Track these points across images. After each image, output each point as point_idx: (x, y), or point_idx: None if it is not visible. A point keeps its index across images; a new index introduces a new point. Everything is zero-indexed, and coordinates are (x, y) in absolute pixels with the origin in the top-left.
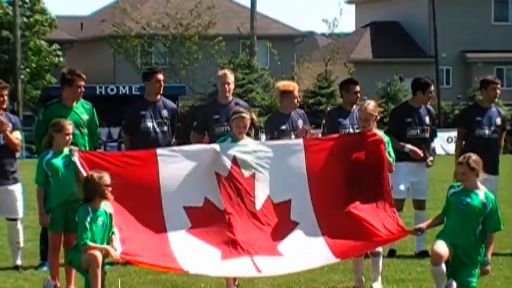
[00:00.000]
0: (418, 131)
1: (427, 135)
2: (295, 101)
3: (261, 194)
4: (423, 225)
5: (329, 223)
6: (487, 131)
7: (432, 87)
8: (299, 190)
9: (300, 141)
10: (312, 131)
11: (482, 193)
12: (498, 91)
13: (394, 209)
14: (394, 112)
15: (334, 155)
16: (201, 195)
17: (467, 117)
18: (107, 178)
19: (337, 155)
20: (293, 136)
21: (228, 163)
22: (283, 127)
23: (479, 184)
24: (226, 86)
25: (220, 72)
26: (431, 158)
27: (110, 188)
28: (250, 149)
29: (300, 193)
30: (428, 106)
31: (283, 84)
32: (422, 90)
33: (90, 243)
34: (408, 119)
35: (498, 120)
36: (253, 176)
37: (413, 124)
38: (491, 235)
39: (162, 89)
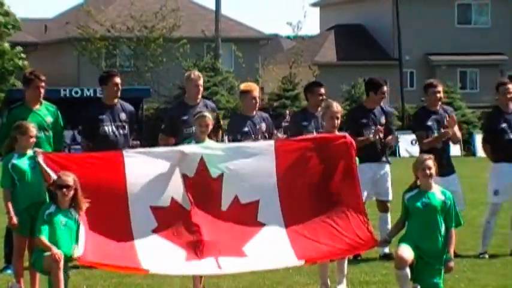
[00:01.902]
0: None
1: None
2: (253, 101)
3: (229, 194)
4: (387, 236)
5: (297, 226)
6: (436, 133)
7: (385, 88)
8: (268, 191)
9: (271, 142)
10: (278, 135)
11: (438, 191)
12: (439, 94)
13: (366, 214)
14: (349, 114)
15: (305, 157)
16: (167, 195)
17: (420, 121)
18: (63, 178)
19: (308, 157)
20: (260, 138)
21: (195, 164)
22: (246, 129)
23: (433, 184)
24: (199, 87)
25: (193, 74)
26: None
27: (64, 190)
28: (219, 150)
29: (268, 194)
30: (385, 106)
31: (243, 84)
32: (374, 90)
33: (42, 238)
34: (363, 119)
35: (430, 122)
36: (221, 176)
37: (369, 125)
38: (451, 231)
39: (119, 92)
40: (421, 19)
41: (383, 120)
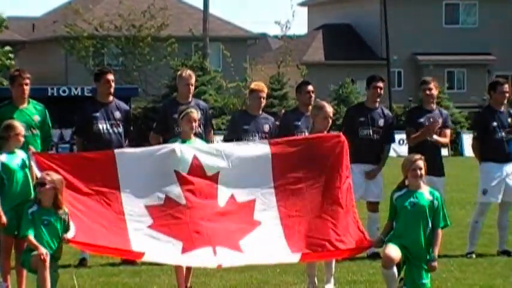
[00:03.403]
0: (370, 131)
1: (379, 137)
2: (259, 101)
3: (225, 192)
4: (382, 236)
5: (293, 226)
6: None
7: (379, 83)
8: (264, 191)
9: (266, 142)
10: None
11: (427, 191)
12: (428, 92)
13: (357, 214)
14: (348, 111)
15: (300, 157)
16: (161, 193)
17: (411, 118)
18: (43, 176)
19: (303, 157)
20: (256, 138)
21: (188, 161)
22: (246, 127)
23: (422, 184)
24: (190, 86)
25: (185, 73)
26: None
27: (40, 187)
28: (213, 149)
29: (264, 194)
30: (386, 110)
31: (253, 83)
32: (368, 85)
33: (30, 237)
34: (361, 118)
35: (425, 121)
36: (216, 175)
37: (366, 124)
38: (438, 232)
39: (112, 89)
40: (408, 19)
41: (381, 122)
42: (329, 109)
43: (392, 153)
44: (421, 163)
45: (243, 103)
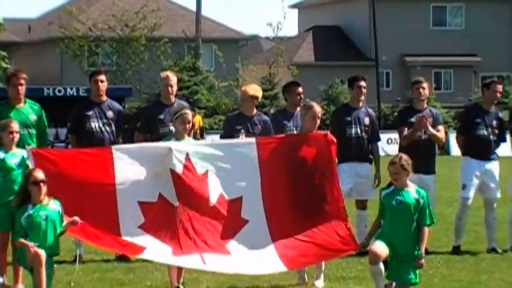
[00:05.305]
0: (358, 130)
1: (366, 135)
2: (250, 102)
3: (215, 190)
4: (365, 240)
5: (279, 225)
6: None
7: (362, 82)
8: (251, 188)
9: (253, 139)
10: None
11: (413, 190)
12: (418, 91)
13: (345, 212)
14: (334, 112)
15: (287, 155)
16: (155, 191)
17: (402, 117)
18: (36, 175)
19: (290, 155)
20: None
21: (182, 160)
22: (239, 127)
23: (408, 182)
24: (169, 88)
25: (163, 74)
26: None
27: (41, 184)
28: (204, 147)
29: (251, 191)
30: (370, 109)
31: (251, 88)
32: (351, 86)
33: (21, 240)
34: (347, 117)
35: (412, 119)
36: (206, 173)
37: (352, 123)
38: (424, 229)
39: (104, 89)
40: (396, 21)
41: (367, 120)
42: (317, 109)
43: (380, 153)
44: (393, 167)
45: (234, 103)
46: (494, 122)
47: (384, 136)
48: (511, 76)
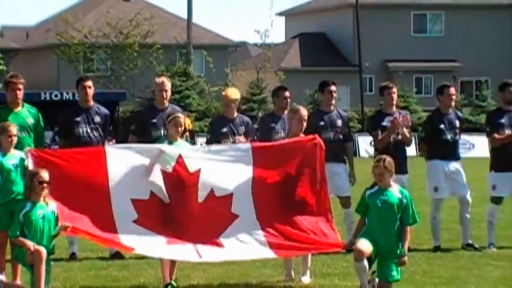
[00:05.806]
0: (331, 133)
1: (341, 137)
2: (231, 105)
3: (205, 187)
4: (353, 238)
5: (269, 220)
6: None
7: (332, 87)
8: (242, 187)
9: (249, 145)
10: (240, 139)
11: (396, 190)
12: (390, 95)
13: (331, 212)
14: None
15: (279, 159)
16: (147, 189)
17: (374, 122)
18: (43, 175)
19: (283, 159)
20: (232, 140)
21: (173, 161)
22: (224, 129)
23: (392, 183)
24: (164, 93)
25: (158, 80)
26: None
27: (45, 185)
28: (199, 151)
29: (242, 190)
30: (341, 111)
31: (228, 91)
32: (321, 90)
33: (20, 238)
34: (321, 122)
35: (385, 123)
36: (198, 171)
37: (325, 127)
38: (407, 228)
39: (91, 95)
40: (379, 28)
41: (339, 123)
42: (304, 112)
43: (364, 154)
44: (377, 168)
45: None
46: (457, 122)
47: (366, 139)
48: (489, 81)
